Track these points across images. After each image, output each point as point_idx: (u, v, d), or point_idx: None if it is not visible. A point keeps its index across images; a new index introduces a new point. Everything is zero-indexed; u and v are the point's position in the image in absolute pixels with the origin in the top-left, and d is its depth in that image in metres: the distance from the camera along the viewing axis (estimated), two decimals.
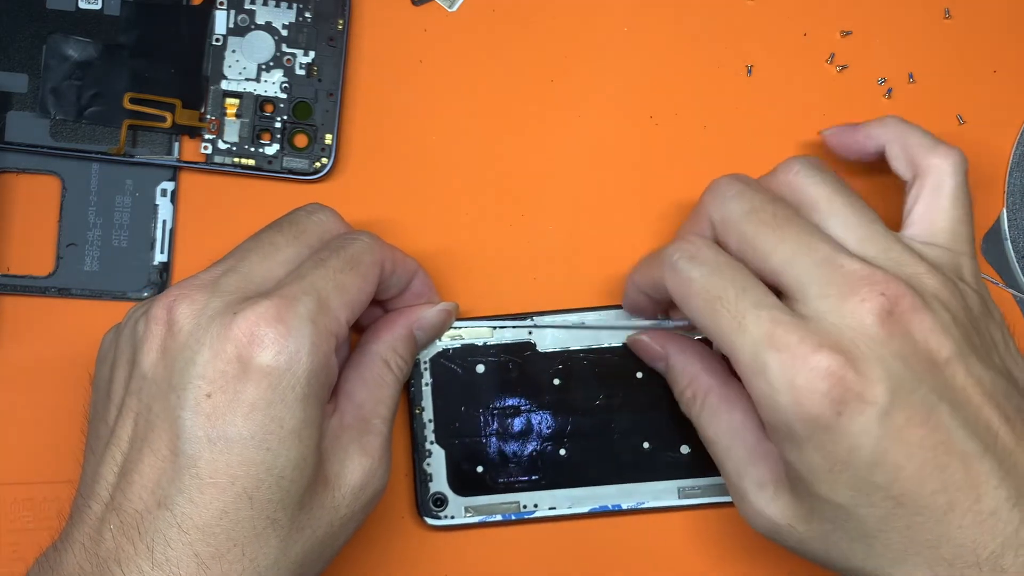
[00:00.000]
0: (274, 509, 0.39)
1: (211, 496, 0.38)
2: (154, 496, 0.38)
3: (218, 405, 0.38)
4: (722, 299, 0.41)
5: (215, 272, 0.41)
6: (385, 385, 0.45)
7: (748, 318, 0.40)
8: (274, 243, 0.43)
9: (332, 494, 0.41)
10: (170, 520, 0.38)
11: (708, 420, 0.45)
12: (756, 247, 0.42)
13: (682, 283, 0.42)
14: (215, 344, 0.39)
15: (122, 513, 0.39)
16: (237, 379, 0.38)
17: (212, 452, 0.38)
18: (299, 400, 0.39)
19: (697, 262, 0.42)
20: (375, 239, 0.44)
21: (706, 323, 0.41)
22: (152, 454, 0.39)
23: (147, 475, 0.39)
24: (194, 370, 0.39)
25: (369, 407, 0.44)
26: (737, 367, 0.40)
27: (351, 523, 0.42)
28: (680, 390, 0.47)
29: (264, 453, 0.38)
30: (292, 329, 0.39)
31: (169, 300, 0.40)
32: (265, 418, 0.38)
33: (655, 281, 0.44)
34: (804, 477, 0.40)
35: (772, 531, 0.43)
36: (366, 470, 0.42)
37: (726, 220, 0.43)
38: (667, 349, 0.48)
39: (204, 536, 0.38)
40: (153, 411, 0.39)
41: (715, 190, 0.44)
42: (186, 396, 0.38)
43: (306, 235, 0.44)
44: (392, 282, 0.46)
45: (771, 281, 0.41)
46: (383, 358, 0.46)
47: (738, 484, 0.43)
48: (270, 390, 0.38)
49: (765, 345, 0.39)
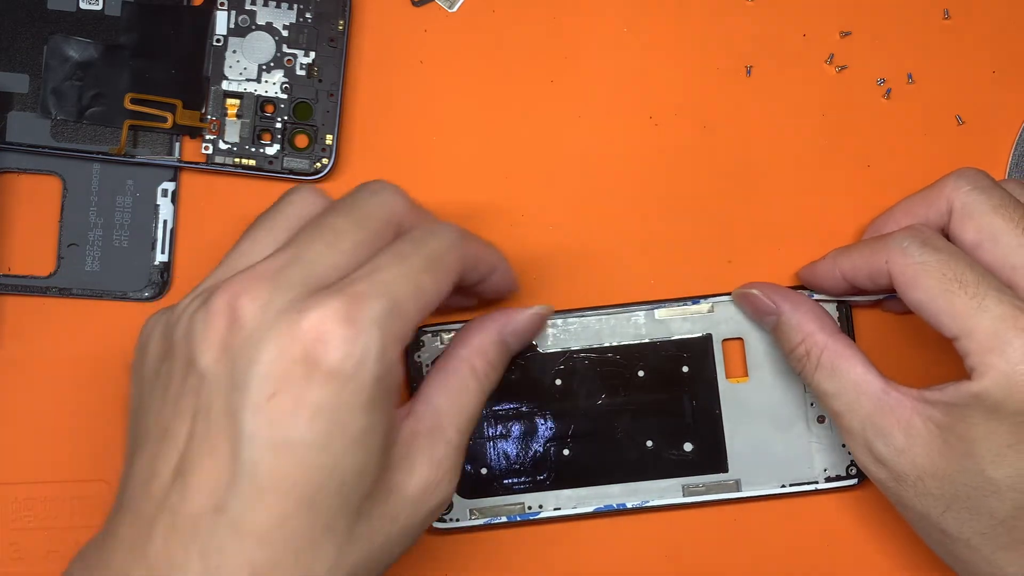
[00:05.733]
0: (332, 516, 0.37)
1: (270, 502, 0.36)
2: (210, 500, 0.37)
3: (281, 407, 0.36)
4: (961, 282, 0.42)
5: (277, 262, 0.39)
6: (468, 392, 0.44)
7: (990, 300, 0.41)
8: (337, 229, 0.40)
9: (392, 504, 0.40)
10: (226, 525, 0.36)
11: (826, 375, 0.45)
12: (999, 241, 0.43)
13: (912, 266, 0.43)
14: (280, 343, 0.37)
15: (176, 515, 0.37)
16: (302, 381, 0.36)
17: (273, 457, 0.36)
18: (364, 405, 0.37)
19: (931, 248, 0.43)
20: (459, 234, 0.43)
21: (937, 304, 0.42)
22: (210, 456, 0.37)
23: (204, 478, 0.37)
24: (257, 369, 0.36)
25: (447, 415, 0.43)
26: (969, 343, 0.41)
27: (409, 535, 0.41)
28: (792, 346, 0.47)
29: (326, 459, 0.37)
30: (361, 332, 0.37)
31: (231, 293, 0.38)
32: (329, 423, 0.36)
33: (874, 268, 0.45)
34: (975, 447, 0.41)
35: (895, 480, 0.44)
36: (429, 482, 0.41)
37: (970, 209, 0.44)
38: (779, 304, 0.48)
39: (260, 544, 0.36)
40: (213, 410, 0.37)
41: (964, 178, 0.45)
42: (248, 396, 0.36)
43: (371, 220, 0.41)
44: (472, 274, 0.44)
45: (1004, 277, 0.43)
46: (470, 364, 0.44)
47: (863, 435, 0.44)
48: (335, 394, 0.36)
49: (1011, 324, 0.41)
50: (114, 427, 0.50)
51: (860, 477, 0.50)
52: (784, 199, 0.51)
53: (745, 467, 0.50)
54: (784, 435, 0.50)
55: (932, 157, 0.52)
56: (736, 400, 0.50)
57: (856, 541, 0.51)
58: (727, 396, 0.50)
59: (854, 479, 0.50)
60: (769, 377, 0.50)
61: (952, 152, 0.52)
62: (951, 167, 0.47)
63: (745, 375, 0.50)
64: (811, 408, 0.50)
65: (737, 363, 0.50)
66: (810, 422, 0.50)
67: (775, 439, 0.50)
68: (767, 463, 0.50)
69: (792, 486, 0.50)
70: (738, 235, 0.51)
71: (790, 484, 0.50)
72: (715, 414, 0.50)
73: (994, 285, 0.42)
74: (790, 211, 0.51)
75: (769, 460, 0.50)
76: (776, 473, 0.50)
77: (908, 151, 0.52)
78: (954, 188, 0.45)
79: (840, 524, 0.51)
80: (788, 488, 0.50)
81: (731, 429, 0.50)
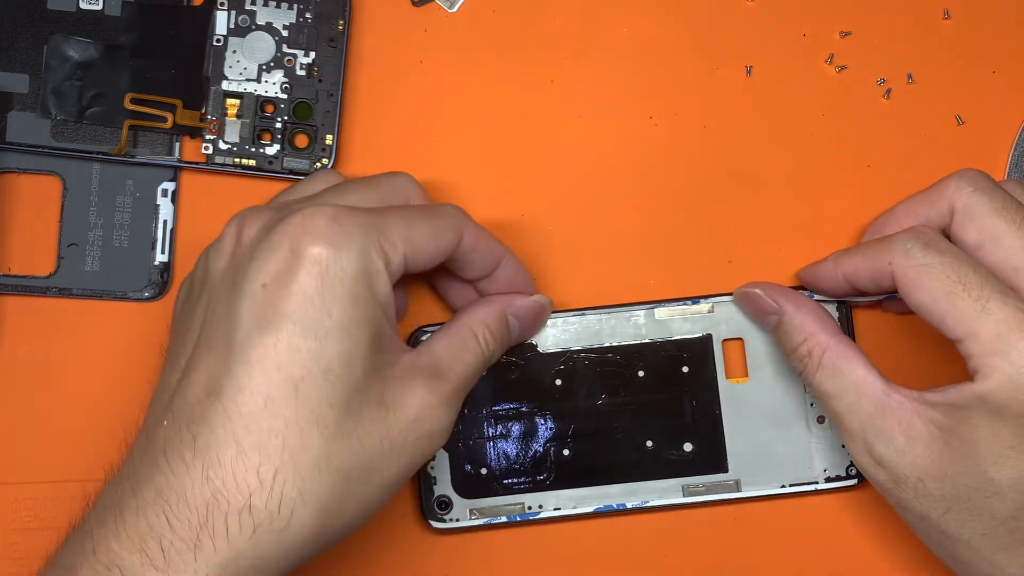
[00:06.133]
0: (319, 404, 0.39)
1: (258, 382, 0.39)
2: (205, 389, 0.39)
3: (271, 294, 0.39)
4: (964, 283, 0.42)
5: (287, 201, 0.44)
6: (468, 350, 0.45)
7: (993, 302, 0.42)
8: (347, 188, 0.44)
9: (386, 415, 0.41)
10: (216, 407, 0.39)
11: (827, 376, 0.45)
12: (1001, 243, 0.43)
13: (915, 268, 0.43)
14: (274, 239, 0.40)
15: (176, 409, 0.40)
16: (289, 269, 0.39)
17: (261, 337, 0.39)
18: (347, 295, 0.40)
19: (934, 250, 0.43)
20: (460, 209, 0.45)
21: (941, 306, 0.42)
22: (210, 350, 0.40)
23: (202, 371, 0.40)
24: (253, 265, 0.40)
25: (446, 360, 0.44)
26: (972, 345, 0.42)
27: (405, 455, 0.42)
28: (793, 346, 0.47)
29: (311, 342, 0.39)
30: (344, 228, 0.40)
31: (240, 217, 0.43)
32: (312, 307, 0.39)
33: (877, 269, 0.45)
34: (977, 449, 0.42)
35: (894, 482, 0.44)
36: (425, 404, 0.42)
37: (971, 210, 0.45)
38: (781, 304, 0.48)
39: (247, 423, 0.38)
40: (216, 313, 0.41)
41: (965, 179, 0.45)
42: (243, 290, 0.40)
43: (379, 186, 0.45)
44: (473, 259, 0.46)
45: (1006, 279, 0.43)
46: (471, 327, 0.46)
47: (863, 436, 0.44)
48: (318, 278, 0.39)
49: (1015, 327, 0.41)
50: (114, 427, 0.50)
51: (860, 477, 0.50)
52: (784, 199, 0.52)
53: (745, 467, 0.50)
54: (784, 435, 0.50)
55: (932, 157, 0.52)
56: (736, 400, 0.50)
57: (856, 541, 0.51)
58: (727, 396, 0.50)
59: (854, 479, 0.50)
60: (769, 377, 0.50)
61: (952, 152, 0.52)
62: (951, 167, 0.47)
63: (745, 375, 0.50)
64: (811, 408, 0.50)
65: (737, 363, 0.50)
66: (810, 422, 0.50)
67: (775, 439, 0.50)
68: (767, 463, 0.50)
69: (792, 486, 0.50)
70: (738, 235, 0.51)
71: (790, 484, 0.50)
72: (715, 414, 0.50)
73: (997, 288, 0.42)
74: (790, 211, 0.51)
75: (769, 460, 0.50)
76: (776, 473, 0.50)
77: (908, 151, 0.52)
78: (956, 189, 0.45)
79: (840, 524, 0.51)
80: (788, 488, 0.50)
81: (731, 429, 0.50)
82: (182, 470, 0.38)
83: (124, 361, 0.50)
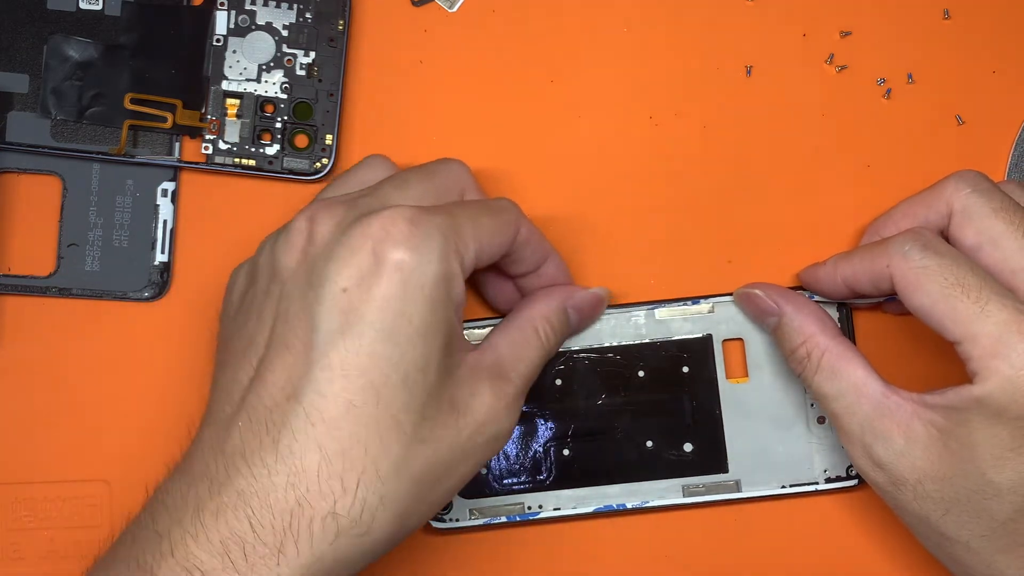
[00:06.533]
0: (398, 410, 0.39)
1: (339, 387, 0.39)
2: (284, 391, 0.39)
3: (352, 299, 0.39)
4: (963, 286, 0.42)
5: (351, 196, 0.43)
6: (529, 346, 0.46)
7: (992, 304, 0.41)
8: (406, 179, 0.44)
9: (457, 419, 0.41)
10: (298, 412, 0.39)
11: (827, 377, 0.45)
12: (1000, 244, 0.43)
13: (913, 270, 0.43)
14: (353, 241, 0.40)
15: (251, 410, 0.40)
16: (371, 274, 0.39)
17: (344, 343, 0.39)
18: (427, 301, 0.40)
19: (933, 252, 0.43)
20: (515, 204, 0.46)
21: (940, 308, 0.42)
22: (286, 351, 0.40)
23: (279, 372, 0.40)
24: (331, 266, 0.40)
25: (509, 360, 0.45)
26: (972, 347, 0.42)
27: (471, 457, 0.42)
28: (793, 347, 0.47)
29: (392, 348, 0.39)
30: (424, 233, 0.40)
31: (310, 212, 0.42)
32: (394, 313, 0.39)
33: (876, 272, 0.45)
34: (976, 451, 0.42)
35: (893, 484, 0.44)
36: (492, 409, 0.42)
37: (970, 212, 0.45)
38: (781, 305, 0.48)
39: (330, 430, 0.39)
40: (291, 312, 0.40)
41: (963, 180, 0.46)
42: (323, 292, 0.39)
43: (437, 177, 0.44)
44: (525, 254, 0.46)
45: (1005, 281, 0.43)
46: (533, 323, 0.46)
47: (862, 438, 0.44)
48: (401, 285, 0.39)
49: (1014, 329, 0.41)
50: (114, 427, 0.50)
51: (860, 478, 0.50)
52: (784, 199, 0.52)
53: (745, 468, 0.50)
54: (784, 436, 0.50)
55: (932, 157, 0.52)
56: (736, 401, 0.50)
57: (856, 542, 0.51)
58: (727, 396, 0.50)
59: (854, 480, 0.50)
60: (769, 378, 0.50)
61: (952, 152, 0.52)
62: (951, 167, 0.47)
63: (745, 375, 0.50)
64: (811, 409, 0.50)
65: (737, 363, 0.50)
66: (810, 423, 0.50)
67: (775, 440, 0.50)
68: (767, 464, 0.50)
69: (792, 487, 0.50)
70: (738, 235, 0.51)
71: (790, 485, 0.50)
72: (715, 414, 0.50)
73: (996, 289, 0.42)
74: (790, 211, 0.51)
75: (769, 461, 0.50)
76: (776, 474, 0.50)
77: (908, 151, 0.52)
78: (954, 190, 0.45)
79: (840, 525, 0.51)
80: (788, 489, 0.50)
81: (731, 430, 0.50)
82: (264, 475, 0.38)
83: (124, 361, 0.50)
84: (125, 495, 0.49)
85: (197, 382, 0.50)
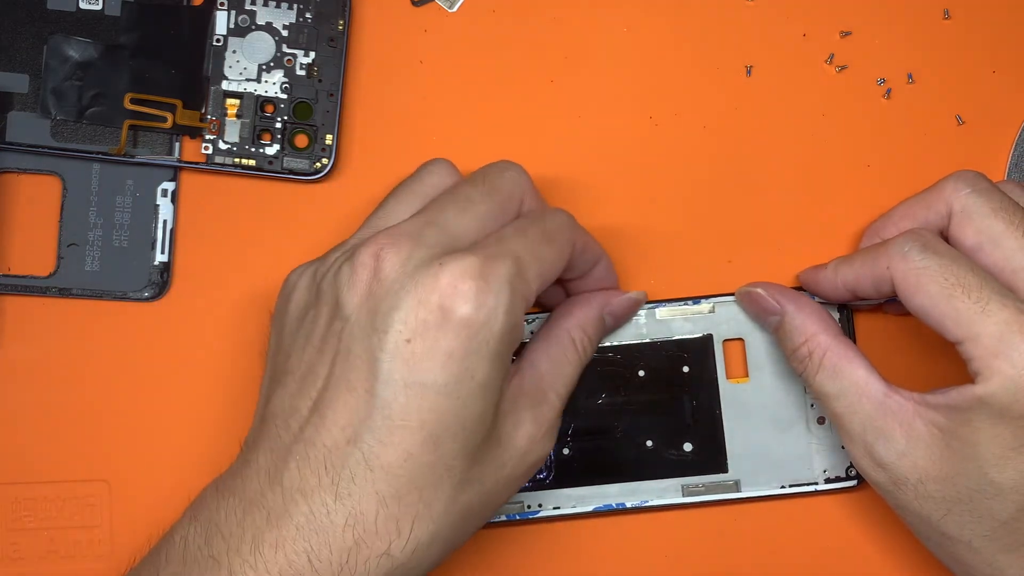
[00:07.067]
0: (453, 457, 0.40)
1: (400, 438, 0.39)
2: (344, 433, 0.40)
3: (416, 351, 0.39)
4: (964, 286, 0.42)
5: (416, 224, 0.42)
6: (568, 363, 0.46)
7: (993, 304, 0.41)
8: (470, 198, 0.44)
9: (500, 453, 0.42)
10: (358, 457, 0.39)
11: (828, 377, 0.46)
12: (999, 244, 0.44)
13: (914, 271, 0.43)
14: (419, 292, 0.40)
15: (311, 446, 0.40)
16: (437, 328, 0.39)
17: (406, 396, 0.39)
18: (491, 356, 0.40)
19: (932, 252, 0.43)
20: (571, 217, 0.46)
21: (940, 309, 0.42)
22: (348, 392, 0.40)
23: (340, 412, 0.40)
24: (397, 315, 0.40)
25: (548, 380, 0.45)
26: (973, 347, 0.42)
27: (512, 485, 0.44)
28: (794, 347, 0.47)
29: (454, 402, 0.40)
30: (492, 287, 0.40)
31: (376, 247, 0.41)
32: (459, 368, 0.39)
33: (876, 275, 0.45)
34: (979, 451, 0.42)
35: (894, 484, 0.44)
36: (532, 437, 0.43)
37: (969, 212, 0.45)
38: (783, 304, 0.48)
39: (387, 476, 0.39)
40: (353, 352, 0.40)
41: (962, 180, 0.46)
42: (387, 339, 0.40)
43: (498, 193, 0.44)
44: (578, 263, 0.46)
45: (1005, 280, 0.43)
46: (571, 335, 0.47)
47: (863, 437, 0.44)
48: (467, 341, 0.39)
49: (1016, 328, 0.41)
50: (114, 427, 0.50)
51: (860, 479, 0.50)
52: (784, 199, 0.52)
53: (745, 468, 0.50)
54: (784, 436, 0.50)
55: (932, 157, 0.52)
56: (736, 400, 0.50)
57: (856, 542, 0.51)
58: (727, 396, 0.50)
59: (854, 480, 0.50)
60: (769, 378, 0.50)
61: (952, 152, 0.52)
62: (951, 167, 0.47)
63: (745, 375, 0.50)
64: (811, 409, 0.50)
65: (738, 363, 0.50)
66: (810, 423, 0.50)
67: (775, 440, 0.50)
68: (767, 464, 0.50)
69: (792, 487, 0.50)
70: (738, 235, 0.51)
71: (790, 485, 0.50)
72: (715, 414, 0.50)
73: (996, 289, 0.42)
74: (790, 211, 0.51)
75: (769, 461, 0.50)
76: (776, 474, 0.50)
77: (908, 151, 0.52)
78: (953, 191, 0.45)
79: (839, 525, 0.51)
80: (788, 489, 0.50)
81: (731, 429, 0.50)
82: (323, 514, 0.39)
83: (124, 361, 0.50)
84: (125, 495, 0.50)
85: (197, 382, 0.50)
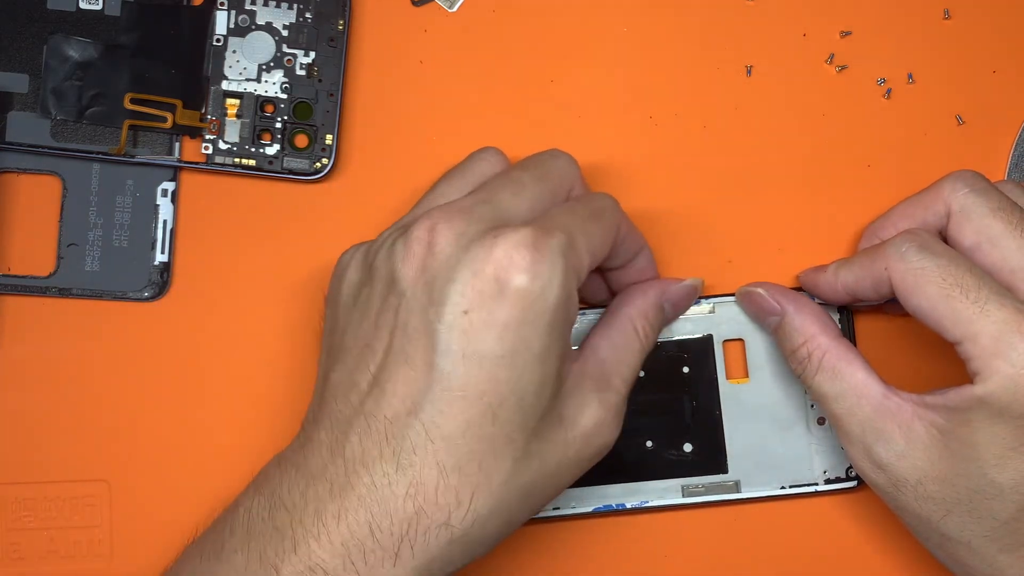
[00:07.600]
0: (512, 429, 0.40)
1: (459, 409, 0.40)
2: (404, 405, 0.40)
3: (474, 322, 0.40)
4: (962, 286, 0.42)
5: (469, 201, 0.43)
6: (630, 349, 0.46)
7: (991, 304, 0.42)
8: (521, 181, 0.44)
9: (565, 432, 0.42)
10: (418, 428, 0.40)
11: (827, 378, 0.46)
12: (998, 243, 0.44)
13: (912, 272, 0.43)
14: (475, 264, 0.40)
15: (371, 419, 0.40)
16: (494, 299, 0.40)
17: (465, 367, 0.40)
18: (546, 326, 0.40)
19: (930, 252, 0.43)
20: (616, 202, 0.46)
21: (939, 310, 0.42)
22: (407, 366, 0.40)
23: (400, 385, 0.40)
24: (454, 287, 0.40)
25: (611, 365, 0.45)
26: (972, 347, 0.42)
27: (576, 467, 0.43)
28: (793, 348, 0.47)
29: (510, 372, 0.40)
30: (546, 258, 0.40)
31: (430, 223, 0.41)
32: (515, 338, 0.40)
33: (875, 276, 0.45)
34: (978, 451, 0.42)
35: (894, 485, 0.44)
36: (599, 421, 0.43)
37: (968, 212, 0.45)
38: (783, 305, 0.48)
39: (448, 446, 0.40)
40: (410, 326, 0.41)
41: (961, 180, 0.46)
42: (444, 312, 0.40)
43: (549, 178, 0.45)
44: (621, 250, 0.46)
45: (1004, 280, 0.43)
46: (633, 323, 0.47)
47: (862, 439, 0.44)
48: (522, 312, 0.40)
49: (1014, 328, 0.41)
50: (114, 427, 0.50)
51: (860, 479, 0.50)
52: (784, 199, 0.52)
53: (745, 468, 0.50)
54: (784, 436, 0.50)
55: (932, 157, 0.52)
56: (736, 401, 0.50)
57: (855, 543, 0.51)
58: (727, 397, 0.50)
59: (854, 481, 0.50)
60: (769, 378, 0.50)
61: (952, 152, 0.52)
62: (951, 167, 0.47)
63: (746, 376, 0.50)
64: (811, 410, 0.50)
65: (738, 364, 0.50)
66: (810, 424, 0.50)
67: (775, 440, 0.50)
68: (767, 464, 0.50)
69: (792, 488, 0.50)
70: (738, 235, 0.51)
71: (790, 486, 0.50)
72: (715, 415, 0.50)
73: (995, 289, 0.42)
74: (790, 211, 0.51)
75: (769, 461, 0.50)
76: (776, 474, 0.50)
77: (908, 151, 0.52)
78: (951, 191, 0.45)
79: (839, 526, 0.51)
80: (788, 490, 0.50)
81: (731, 430, 0.50)
82: (385, 484, 0.40)
83: (124, 361, 0.50)
84: (125, 495, 0.50)
85: (197, 382, 0.50)
